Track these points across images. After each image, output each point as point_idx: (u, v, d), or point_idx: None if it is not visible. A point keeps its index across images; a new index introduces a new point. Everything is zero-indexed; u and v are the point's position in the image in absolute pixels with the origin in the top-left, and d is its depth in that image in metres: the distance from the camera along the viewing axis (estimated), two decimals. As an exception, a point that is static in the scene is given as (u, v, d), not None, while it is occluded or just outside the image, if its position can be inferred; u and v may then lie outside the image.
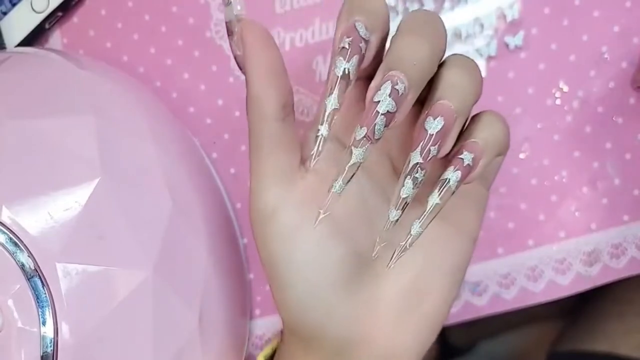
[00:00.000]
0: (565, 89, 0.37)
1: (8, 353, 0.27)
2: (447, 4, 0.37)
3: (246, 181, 0.39)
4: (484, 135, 0.26)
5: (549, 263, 0.38)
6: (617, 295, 0.49)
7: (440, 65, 0.26)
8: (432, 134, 0.24)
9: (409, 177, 0.25)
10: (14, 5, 0.38)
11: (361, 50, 0.25)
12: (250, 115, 0.27)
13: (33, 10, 0.38)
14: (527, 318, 0.57)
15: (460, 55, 0.27)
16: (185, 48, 0.39)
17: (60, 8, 0.38)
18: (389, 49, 0.25)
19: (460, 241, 0.29)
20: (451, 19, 0.37)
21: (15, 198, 0.28)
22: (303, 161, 0.28)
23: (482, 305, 0.38)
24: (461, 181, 0.26)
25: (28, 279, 0.27)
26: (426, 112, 0.25)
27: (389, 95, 0.24)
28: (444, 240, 0.29)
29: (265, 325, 0.39)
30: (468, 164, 0.26)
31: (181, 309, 0.31)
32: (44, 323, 0.27)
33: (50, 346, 0.27)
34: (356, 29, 0.25)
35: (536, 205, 0.38)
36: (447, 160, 0.26)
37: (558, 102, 0.37)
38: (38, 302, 0.27)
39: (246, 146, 0.39)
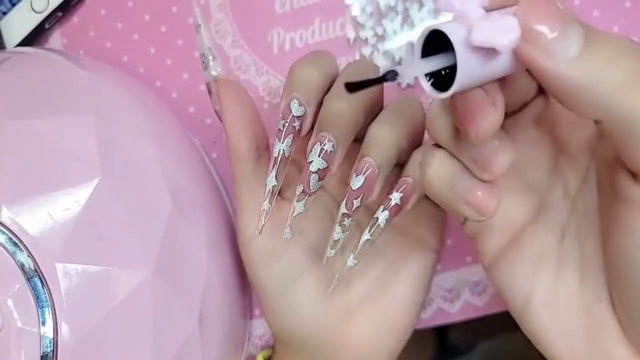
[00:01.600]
0: (565, 88, 0.37)
1: (8, 353, 0.27)
2: (447, 4, 0.37)
3: (246, 181, 0.39)
4: (417, 174, 0.27)
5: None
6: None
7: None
8: (353, 190, 0.28)
9: (338, 224, 0.29)
10: (13, 5, 0.38)
11: (295, 128, 0.29)
12: (230, 158, 0.32)
13: (33, 10, 0.38)
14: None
15: (397, 100, 0.30)
16: (185, 48, 0.39)
17: (60, 8, 0.39)
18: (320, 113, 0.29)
19: (420, 252, 0.33)
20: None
21: (15, 198, 0.28)
22: (282, 191, 0.33)
23: (482, 305, 0.38)
24: (390, 219, 0.29)
25: (28, 279, 0.27)
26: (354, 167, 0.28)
27: (319, 155, 0.28)
28: (404, 252, 0.33)
29: (265, 325, 0.39)
30: (396, 204, 0.29)
31: (181, 309, 0.31)
32: (43, 323, 0.27)
33: (50, 346, 0.27)
34: (290, 109, 0.29)
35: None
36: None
37: (558, 102, 0.37)
38: (38, 302, 0.27)
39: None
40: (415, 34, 0.37)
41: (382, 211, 0.29)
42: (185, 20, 0.39)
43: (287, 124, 0.29)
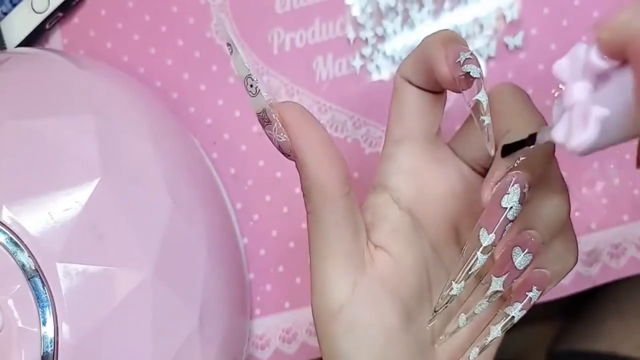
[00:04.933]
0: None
1: (8, 353, 0.27)
2: (447, 5, 0.37)
3: (246, 181, 0.39)
4: (556, 267, 0.26)
5: (548, 263, 0.38)
6: (617, 295, 0.49)
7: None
8: (519, 269, 0.24)
9: (486, 299, 0.24)
10: (14, 5, 0.38)
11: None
12: (312, 199, 0.25)
13: (33, 10, 0.38)
14: (527, 318, 0.57)
15: (558, 174, 0.26)
16: (185, 48, 0.39)
17: (60, 8, 0.39)
18: (510, 133, 0.24)
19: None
20: (451, 19, 0.37)
21: (16, 198, 0.28)
22: (367, 231, 0.27)
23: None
24: (522, 314, 0.25)
25: (28, 279, 0.27)
26: (514, 232, 0.24)
27: (518, 201, 0.23)
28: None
29: (265, 325, 0.39)
30: (534, 301, 0.25)
31: (181, 309, 0.31)
32: (44, 323, 0.27)
33: (51, 346, 0.27)
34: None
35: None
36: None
37: (558, 102, 0.37)
38: (38, 302, 0.27)
39: (246, 146, 0.39)
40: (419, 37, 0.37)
41: (521, 310, 0.25)
42: (186, 20, 0.39)
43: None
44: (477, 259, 0.23)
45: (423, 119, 0.27)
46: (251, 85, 0.25)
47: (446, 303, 0.24)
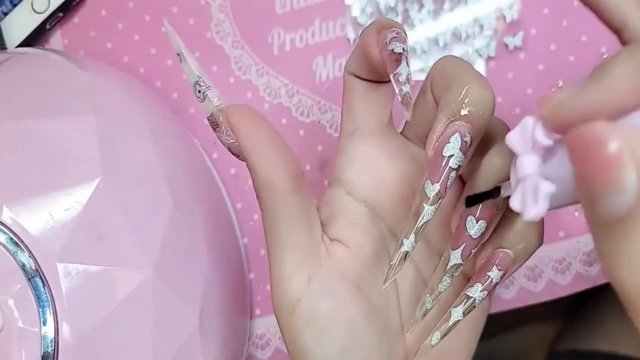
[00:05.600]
0: (565, 89, 0.37)
1: (9, 353, 0.27)
2: (446, 5, 0.37)
3: (246, 181, 0.39)
4: (520, 246, 0.25)
5: (548, 263, 0.38)
6: (617, 295, 0.49)
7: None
8: (475, 237, 0.24)
9: (447, 275, 0.25)
10: (14, 5, 0.38)
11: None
12: (262, 197, 0.25)
13: (34, 10, 0.38)
14: (527, 318, 0.57)
15: (503, 126, 0.26)
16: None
17: (61, 9, 0.39)
18: (448, 91, 0.24)
19: (469, 333, 0.29)
20: (451, 19, 0.37)
21: (16, 198, 0.28)
22: (323, 225, 0.27)
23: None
24: (485, 298, 0.25)
25: (29, 279, 0.27)
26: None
27: (459, 149, 0.23)
28: (458, 332, 0.28)
29: (265, 325, 0.39)
30: (497, 282, 0.25)
31: (181, 309, 0.31)
32: (44, 323, 0.27)
33: (51, 346, 0.27)
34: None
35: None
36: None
37: (557, 102, 0.37)
38: (39, 302, 0.27)
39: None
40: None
41: (482, 290, 0.25)
42: (186, 20, 0.39)
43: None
44: (424, 211, 0.23)
45: (372, 111, 0.27)
46: (199, 91, 0.25)
47: (398, 261, 0.24)
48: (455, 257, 0.24)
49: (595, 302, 0.51)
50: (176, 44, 0.25)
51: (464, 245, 0.24)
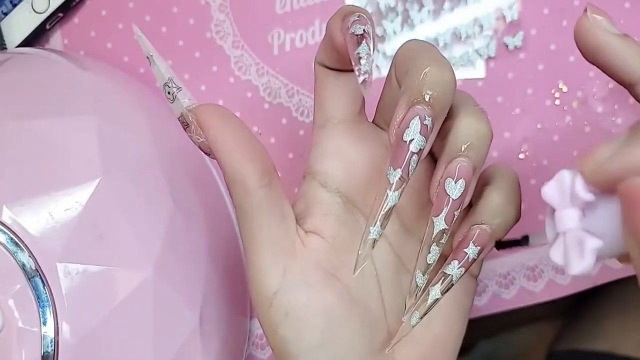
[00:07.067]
0: (565, 89, 0.37)
1: (9, 353, 0.27)
2: (446, 5, 0.37)
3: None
4: (496, 221, 0.25)
5: (548, 263, 0.38)
6: (617, 295, 0.49)
7: (450, 114, 0.25)
8: (455, 199, 0.24)
9: (434, 244, 0.24)
10: (14, 5, 0.38)
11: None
12: (233, 194, 0.26)
13: (34, 10, 0.38)
14: (526, 318, 0.57)
15: (468, 98, 0.26)
16: (185, 48, 0.39)
17: (61, 9, 0.39)
18: (407, 75, 0.24)
19: (456, 316, 0.29)
20: (451, 19, 0.37)
21: (16, 198, 0.28)
22: (299, 219, 0.28)
23: (481, 305, 0.38)
24: (463, 275, 0.25)
25: (29, 279, 0.27)
26: (442, 168, 0.24)
27: (420, 132, 0.23)
28: (444, 317, 0.28)
29: (265, 325, 0.39)
30: (473, 258, 0.25)
31: (181, 309, 0.31)
32: (44, 323, 0.27)
33: (51, 346, 0.27)
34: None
35: (535, 205, 0.38)
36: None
37: (557, 102, 0.37)
38: (39, 302, 0.27)
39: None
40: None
41: (459, 267, 0.25)
42: (186, 20, 0.39)
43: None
44: (388, 197, 0.23)
45: (342, 100, 0.27)
46: (168, 92, 0.26)
47: (367, 249, 0.24)
48: (439, 222, 0.24)
49: (595, 302, 0.51)
50: (145, 47, 0.26)
51: (447, 208, 0.24)
